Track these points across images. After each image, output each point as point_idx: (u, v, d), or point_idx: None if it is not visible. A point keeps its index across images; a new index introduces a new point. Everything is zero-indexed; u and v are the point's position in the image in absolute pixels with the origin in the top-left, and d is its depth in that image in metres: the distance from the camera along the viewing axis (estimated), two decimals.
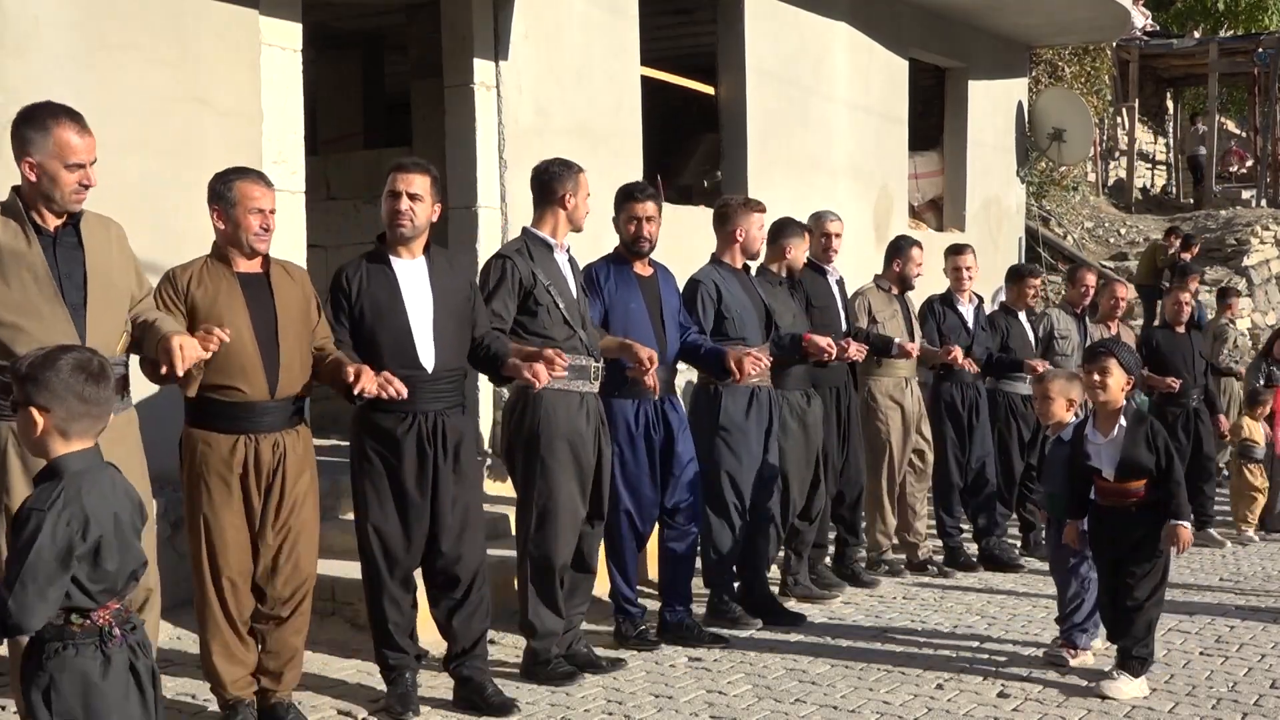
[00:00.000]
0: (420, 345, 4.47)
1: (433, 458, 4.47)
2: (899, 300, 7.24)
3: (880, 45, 10.85)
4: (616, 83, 8.33)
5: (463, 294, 4.64)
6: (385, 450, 4.46)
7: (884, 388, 7.12)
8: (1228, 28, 24.04)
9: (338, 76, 10.77)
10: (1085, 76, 17.44)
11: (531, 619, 4.96)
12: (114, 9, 5.69)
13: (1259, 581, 7.15)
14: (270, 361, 4.15)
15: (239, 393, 4.11)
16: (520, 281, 4.86)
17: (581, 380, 4.95)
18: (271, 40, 6.28)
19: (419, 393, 4.41)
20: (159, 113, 5.82)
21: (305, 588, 4.32)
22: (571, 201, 5.01)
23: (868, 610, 6.29)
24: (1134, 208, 19.53)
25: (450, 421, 4.52)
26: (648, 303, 5.42)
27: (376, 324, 4.46)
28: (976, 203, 12.56)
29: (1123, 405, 4.97)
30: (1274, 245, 16.28)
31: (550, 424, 4.86)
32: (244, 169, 4.36)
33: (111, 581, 2.74)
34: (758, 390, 5.87)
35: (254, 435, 4.15)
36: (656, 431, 5.43)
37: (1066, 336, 7.98)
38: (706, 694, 4.85)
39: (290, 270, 4.38)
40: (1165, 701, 4.79)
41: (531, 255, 4.93)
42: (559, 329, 4.90)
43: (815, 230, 6.82)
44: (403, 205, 4.46)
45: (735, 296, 5.85)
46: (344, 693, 4.79)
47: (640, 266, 5.46)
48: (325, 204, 9.21)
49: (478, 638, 4.66)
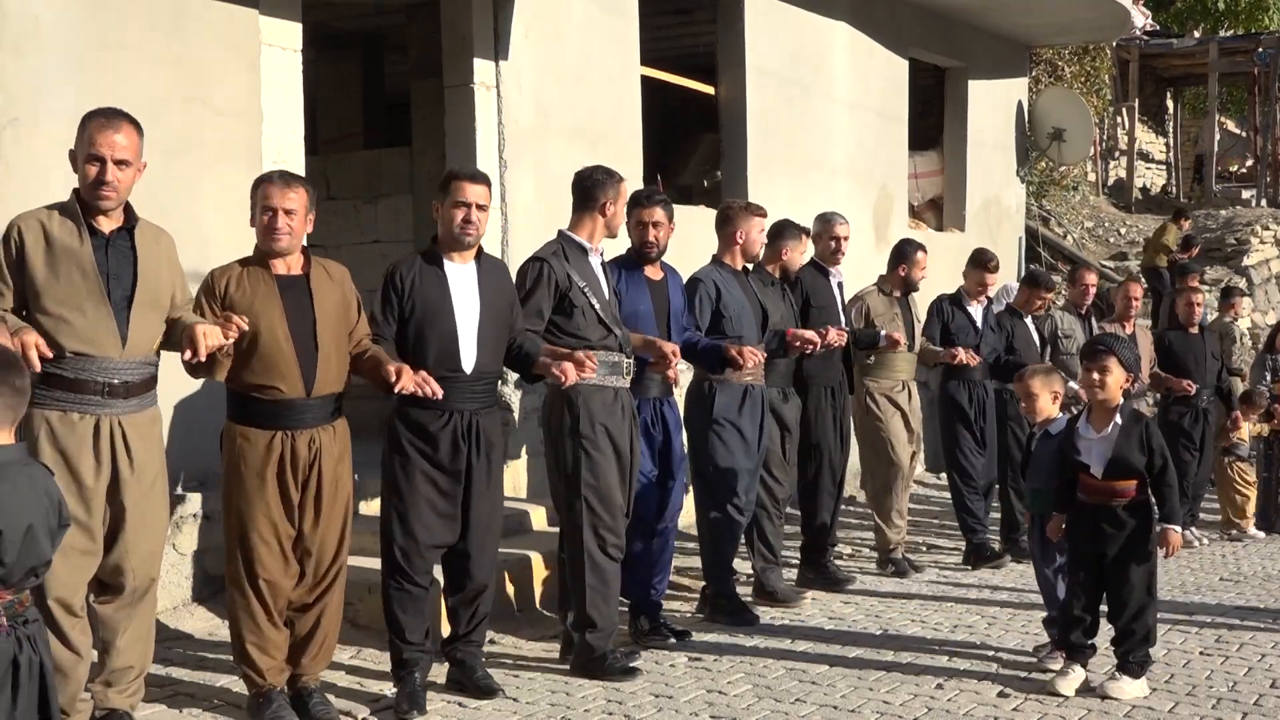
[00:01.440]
0: (464, 348, 4.63)
1: (467, 454, 4.63)
2: (900, 303, 7.27)
3: (880, 45, 10.85)
4: (616, 83, 8.33)
5: (506, 299, 4.82)
6: (422, 443, 4.61)
7: (882, 388, 7.18)
8: (1228, 27, 24.05)
9: (338, 76, 10.77)
10: (1085, 76, 17.43)
11: (590, 612, 5.02)
12: (114, 9, 5.69)
13: (1259, 581, 7.15)
14: (307, 361, 4.29)
15: (277, 391, 4.25)
16: (556, 284, 4.99)
17: (615, 376, 5.08)
18: (271, 40, 6.28)
19: (457, 392, 4.59)
20: (159, 113, 5.80)
21: (338, 576, 4.47)
22: (611, 209, 5.15)
23: (868, 610, 6.29)
24: (1134, 207, 19.52)
25: (484, 421, 4.69)
26: (656, 306, 5.50)
27: (425, 324, 4.62)
28: (976, 202, 12.56)
29: (1120, 403, 4.94)
30: (1274, 245, 16.27)
31: (589, 416, 4.99)
32: (279, 172, 4.53)
33: (5, 573, 2.76)
34: (751, 388, 5.93)
35: (290, 431, 4.28)
36: (656, 430, 5.51)
37: (1070, 336, 8.01)
38: (706, 694, 4.85)
39: (331, 270, 4.50)
40: (1165, 701, 4.79)
41: (568, 258, 5.05)
42: (594, 330, 5.03)
43: (824, 233, 6.93)
44: (473, 215, 4.65)
45: (734, 296, 5.92)
46: (345, 693, 4.79)
47: (651, 270, 5.55)
48: (325, 204, 9.20)
49: (479, 623, 4.82)
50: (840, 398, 6.83)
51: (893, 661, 5.31)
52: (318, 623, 4.45)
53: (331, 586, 4.46)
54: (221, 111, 6.04)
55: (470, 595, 4.79)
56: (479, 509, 4.70)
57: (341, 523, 4.44)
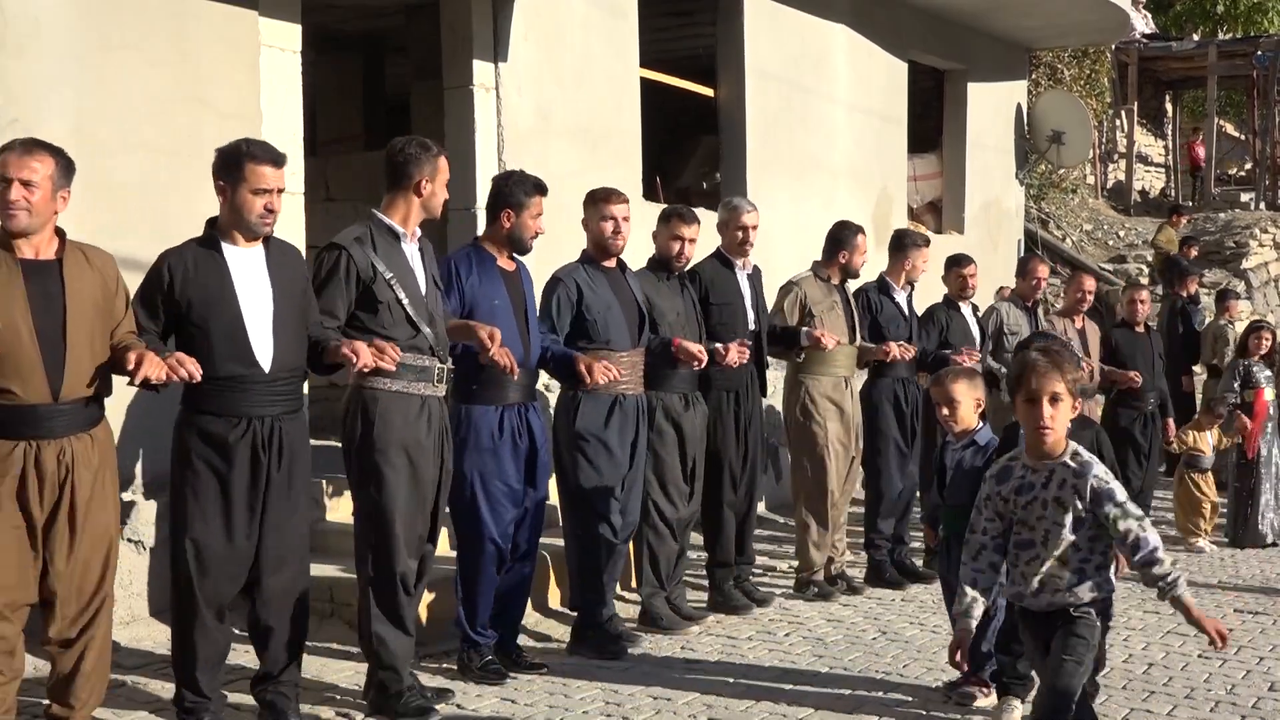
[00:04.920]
0: (257, 343, 4.08)
1: (266, 467, 4.09)
2: (839, 290, 6.63)
3: (880, 47, 10.86)
4: (616, 84, 8.34)
5: (300, 287, 4.27)
6: (216, 458, 4.06)
7: (822, 389, 6.45)
8: (1227, 30, 24.06)
9: (338, 78, 10.79)
10: (1084, 79, 17.45)
11: (376, 645, 4.50)
12: (114, 9, 5.69)
13: (1257, 584, 7.15)
14: (53, 360, 3.72)
15: (13, 395, 3.68)
16: (358, 274, 4.41)
17: (423, 383, 4.50)
18: (271, 41, 6.29)
19: (256, 395, 4.07)
20: (159, 113, 5.82)
21: (99, 606, 3.90)
22: (428, 188, 4.53)
23: (866, 612, 6.29)
24: (1133, 210, 19.54)
25: (288, 427, 4.14)
26: (512, 299, 5.02)
27: (208, 318, 4.05)
28: (976, 205, 12.57)
29: None
30: (1273, 248, 16.30)
31: (385, 430, 4.41)
32: (22, 139, 3.94)
33: None
34: (623, 398, 5.39)
35: (35, 442, 3.72)
36: (522, 439, 5.00)
37: (1017, 332, 7.38)
38: (705, 695, 4.85)
39: (91, 256, 3.91)
40: (1164, 704, 4.79)
41: (375, 244, 4.46)
42: (400, 328, 4.44)
43: (730, 221, 6.20)
44: (275, 203, 4.14)
45: (600, 297, 5.39)
46: (344, 694, 4.78)
47: (504, 260, 5.06)
48: (324, 205, 9.22)
49: (291, 662, 4.31)
50: (749, 402, 6.17)
51: (892, 663, 5.31)
52: (82, 657, 3.88)
53: (96, 618, 3.89)
54: (221, 113, 6.04)
55: (263, 630, 4.23)
56: (280, 527, 4.13)
57: (106, 547, 3.89)
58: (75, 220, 5.17)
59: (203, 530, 4.07)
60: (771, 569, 7.15)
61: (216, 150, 4.16)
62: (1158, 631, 5.91)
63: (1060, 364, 3.65)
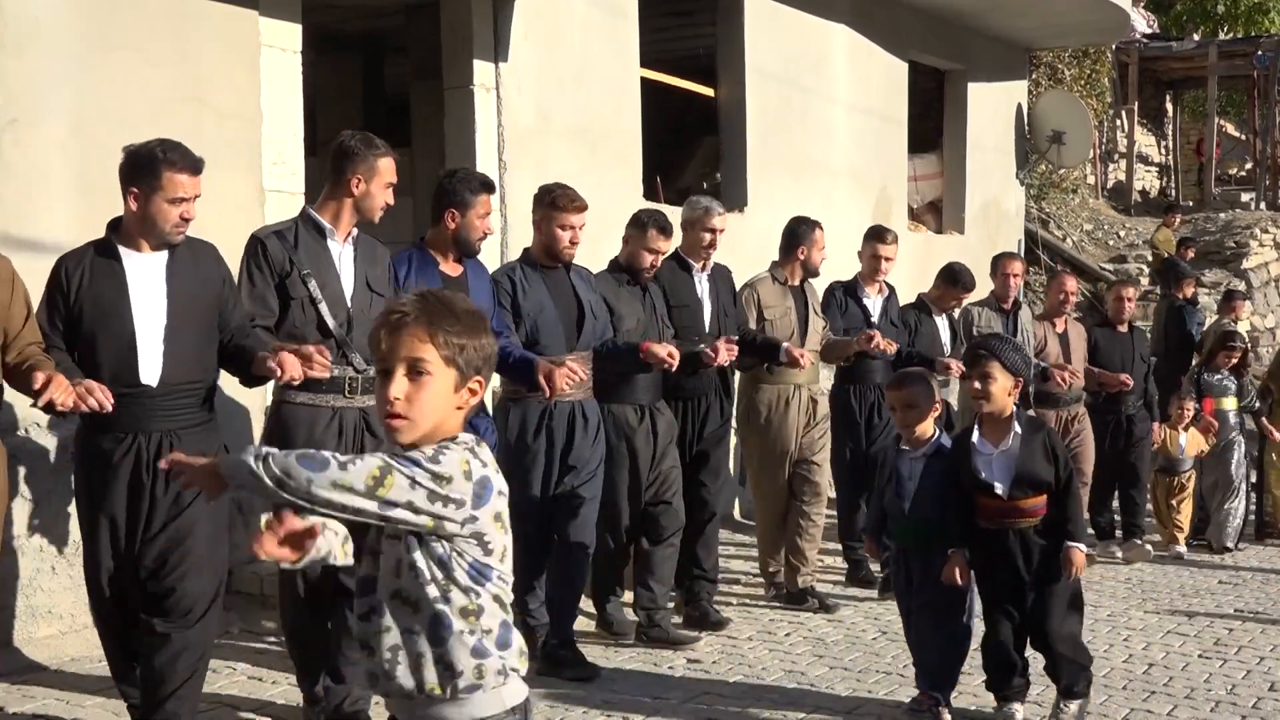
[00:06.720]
0: (144, 357, 3.85)
1: (149, 487, 3.86)
2: (794, 292, 6.32)
3: (880, 47, 10.85)
4: (616, 84, 8.34)
5: (212, 291, 4.02)
6: (100, 476, 3.86)
7: (766, 398, 6.23)
8: (1227, 30, 24.07)
9: (338, 78, 10.79)
10: (1085, 79, 17.45)
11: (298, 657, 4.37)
12: (114, 9, 5.69)
13: (1257, 584, 7.15)
14: None
15: None
16: (270, 267, 4.17)
17: (332, 394, 4.19)
18: (271, 41, 6.29)
19: (140, 410, 3.84)
20: (159, 113, 5.81)
21: None
22: (360, 187, 4.29)
23: (866, 612, 6.29)
24: (1133, 210, 19.55)
25: (182, 445, 3.81)
26: None
27: (97, 329, 3.84)
28: (976, 205, 12.57)
29: (1013, 411, 4.42)
30: (1273, 248, 16.30)
31: (286, 444, 3.98)
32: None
33: None
34: (553, 405, 5.01)
35: None
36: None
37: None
38: (704, 695, 4.85)
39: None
40: (1164, 704, 4.79)
41: (296, 239, 4.22)
42: (311, 329, 4.18)
43: (696, 223, 5.92)
44: (190, 211, 3.94)
45: (535, 299, 5.07)
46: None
47: (448, 264, 4.81)
48: None
49: (176, 688, 3.96)
50: (703, 410, 5.88)
51: (891, 664, 5.31)
52: None
53: None
54: (221, 113, 6.04)
55: (154, 672, 3.91)
56: (162, 545, 3.87)
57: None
58: (75, 220, 5.20)
59: (93, 549, 3.96)
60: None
61: (126, 150, 3.93)
62: (1158, 631, 5.92)
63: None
